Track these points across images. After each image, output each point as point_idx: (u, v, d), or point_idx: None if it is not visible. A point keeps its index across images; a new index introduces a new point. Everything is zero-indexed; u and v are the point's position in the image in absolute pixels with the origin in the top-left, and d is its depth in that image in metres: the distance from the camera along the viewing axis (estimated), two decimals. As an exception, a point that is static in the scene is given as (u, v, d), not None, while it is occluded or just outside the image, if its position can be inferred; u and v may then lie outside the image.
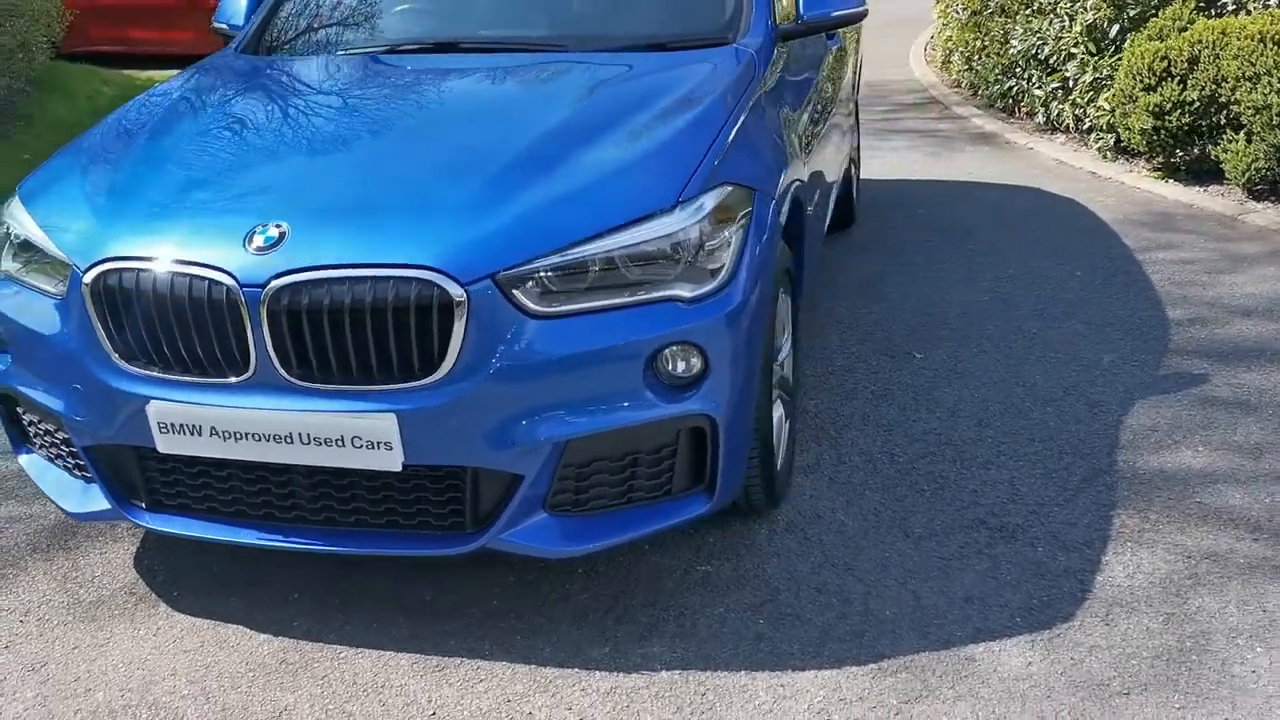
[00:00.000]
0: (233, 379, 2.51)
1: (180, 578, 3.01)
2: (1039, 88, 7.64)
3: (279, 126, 3.01)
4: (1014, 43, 7.76)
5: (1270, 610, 2.72)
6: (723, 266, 2.62)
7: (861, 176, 6.82)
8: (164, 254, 2.52)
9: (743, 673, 2.58)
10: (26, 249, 2.80)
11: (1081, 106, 7.21)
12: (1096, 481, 3.31)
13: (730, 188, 2.71)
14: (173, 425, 2.56)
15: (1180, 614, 2.72)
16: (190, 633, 2.79)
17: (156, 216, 2.64)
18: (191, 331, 2.50)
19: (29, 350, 2.76)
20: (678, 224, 2.57)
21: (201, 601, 2.91)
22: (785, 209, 3.02)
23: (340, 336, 2.43)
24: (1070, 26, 7.21)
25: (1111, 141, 6.90)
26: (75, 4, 10.62)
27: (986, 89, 8.58)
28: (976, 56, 8.75)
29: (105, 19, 11.50)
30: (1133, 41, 6.52)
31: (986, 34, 8.47)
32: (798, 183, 3.24)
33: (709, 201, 2.64)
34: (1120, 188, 6.47)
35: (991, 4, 8.36)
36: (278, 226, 2.50)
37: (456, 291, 2.40)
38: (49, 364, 2.72)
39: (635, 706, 2.49)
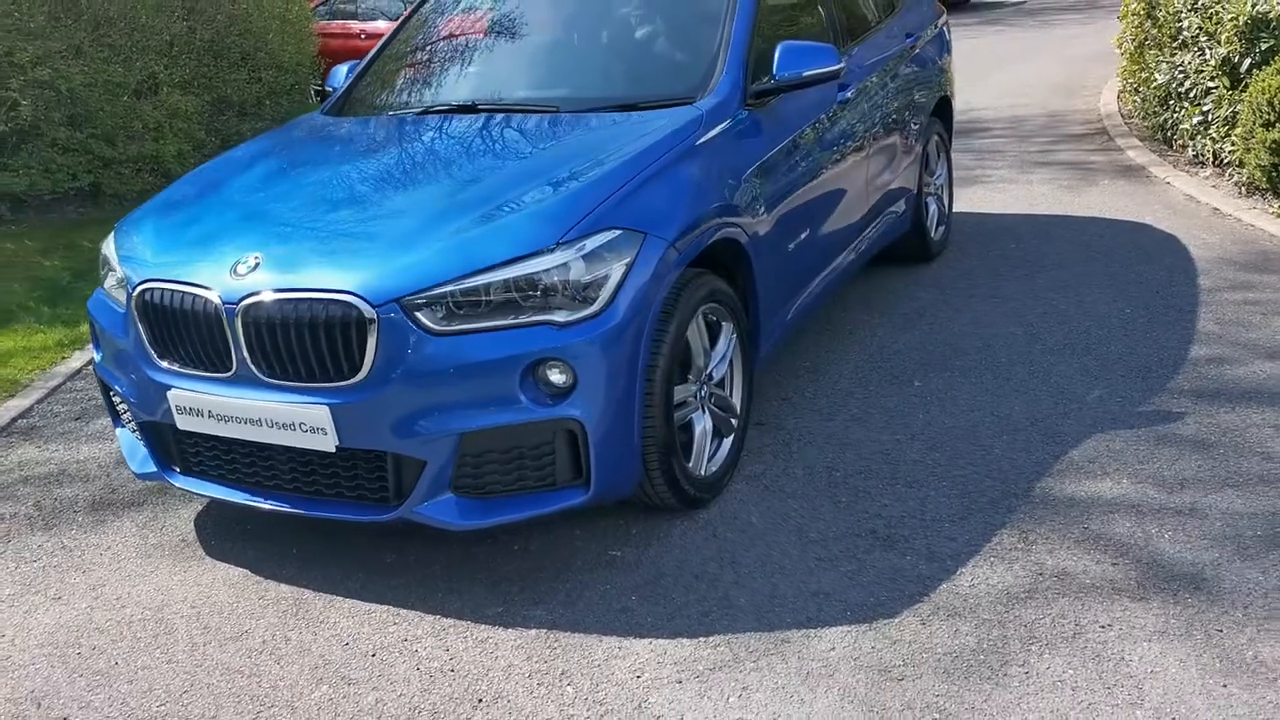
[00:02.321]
0: (222, 374, 3.29)
1: (221, 531, 3.83)
2: (1185, 121, 7.52)
3: (289, 176, 3.82)
4: (1157, 75, 7.67)
5: (1082, 626, 2.96)
6: (599, 296, 3.16)
7: (978, 210, 7.03)
8: (180, 277, 3.34)
9: (594, 635, 3.10)
10: (116, 273, 3.71)
11: (1218, 142, 7.07)
12: (1001, 504, 3.57)
13: (618, 231, 3.24)
14: (185, 408, 3.36)
15: (995, 620, 3.01)
16: (209, 571, 3.59)
17: (184, 249, 3.48)
18: (194, 336, 3.30)
19: (111, 348, 3.66)
20: (555, 261, 3.13)
21: (228, 549, 3.71)
22: (701, 248, 3.50)
23: (289, 343, 3.16)
24: (1207, 60, 7.09)
25: (1245, 178, 6.75)
26: (330, 53, 12.22)
27: (1147, 121, 8.45)
28: (1141, 88, 8.63)
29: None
30: (1257, 76, 6.39)
31: (1145, 66, 8.35)
32: (734, 227, 3.69)
33: (591, 243, 3.19)
34: (1234, 225, 6.36)
35: (1148, 37, 8.25)
36: (255, 257, 3.26)
37: (369, 312, 3.08)
38: (120, 359, 3.61)
39: (497, 652, 3.06)
